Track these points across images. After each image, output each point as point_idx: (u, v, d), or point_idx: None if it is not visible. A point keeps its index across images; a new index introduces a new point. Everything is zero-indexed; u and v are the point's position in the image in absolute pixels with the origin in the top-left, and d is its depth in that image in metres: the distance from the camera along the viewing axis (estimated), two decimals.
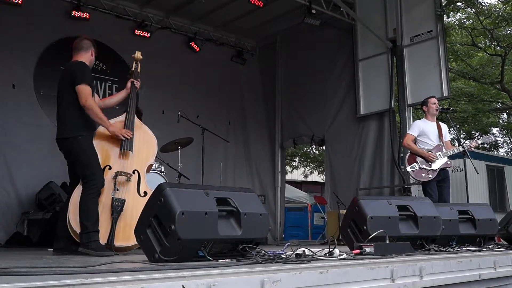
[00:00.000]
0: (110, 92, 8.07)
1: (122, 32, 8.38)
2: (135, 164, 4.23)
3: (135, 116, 4.45)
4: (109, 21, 8.29)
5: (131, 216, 3.93)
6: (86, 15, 7.74)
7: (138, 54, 4.68)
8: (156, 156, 4.66)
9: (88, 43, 4.24)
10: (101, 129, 4.15)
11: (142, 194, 4.13)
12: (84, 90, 3.92)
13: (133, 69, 4.63)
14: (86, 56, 4.18)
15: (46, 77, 7.40)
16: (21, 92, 7.19)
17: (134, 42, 8.17)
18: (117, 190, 4.03)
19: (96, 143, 4.11)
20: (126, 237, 3.92)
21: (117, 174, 4.05)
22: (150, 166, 4.47)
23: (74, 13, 7.64)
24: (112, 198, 3.97)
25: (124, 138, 4.17)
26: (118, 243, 3.90)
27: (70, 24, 7.66)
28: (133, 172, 4.18)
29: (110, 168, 4.10)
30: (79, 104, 3.92)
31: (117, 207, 3.96)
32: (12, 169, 6.89)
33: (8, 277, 1.65)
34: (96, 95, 4.42)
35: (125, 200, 4.02)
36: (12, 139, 6.96)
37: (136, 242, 3.63)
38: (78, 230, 3.77)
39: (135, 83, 4.51)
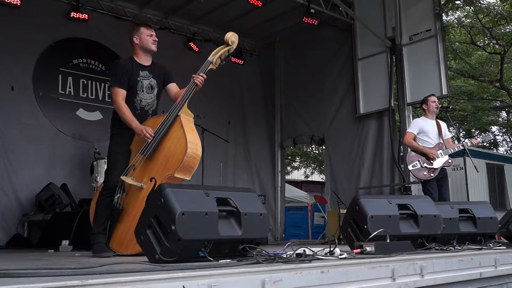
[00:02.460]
0: (109, 92, 8.03)
1: (121, 33, 8.34)
2: (154, 171, 3.76)
3: (180, 119, 3.77)
4: (108, 22, 8.26)
5: (130, 224, 3.62)
6: (85, 16, 7.71)
7: (229, 35, 3.78)
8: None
9: (129, 33, 4.04)
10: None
11: None
12: (112, 93, 3.92)
13: (209, 57, 3.79)
14: (135, 48, 4.02)
15: (45, 79, 7.42)
16: (20, 93, 7.17)
17: None
18: (126, 194, 3.81)
19: (135, 141, 3.92)
20: (120, 243, 3.76)
21: (123, 181, 3.81)
22: (175, 179, 3.67)
23: (73, 14, 7.62)
24: (114, 203, 3.79)
25: (143, 138, 3.76)
26: (112, 247, 3.79)
27: (69, 25, 7.66)
28: (150, 180, 3.72)
29: (134, 169, 3.85)
30: None
31: (116, 214, 3.80)
32: (11, 170, 6.88)
33: (9, 278, 1.64)
34: (174, 84, 4.24)
35: (123, 210, 3.80)
36: (11, 140, 6.95)
37: (128, 251, 3.63)
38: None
39: (194, 79, 3.78)
